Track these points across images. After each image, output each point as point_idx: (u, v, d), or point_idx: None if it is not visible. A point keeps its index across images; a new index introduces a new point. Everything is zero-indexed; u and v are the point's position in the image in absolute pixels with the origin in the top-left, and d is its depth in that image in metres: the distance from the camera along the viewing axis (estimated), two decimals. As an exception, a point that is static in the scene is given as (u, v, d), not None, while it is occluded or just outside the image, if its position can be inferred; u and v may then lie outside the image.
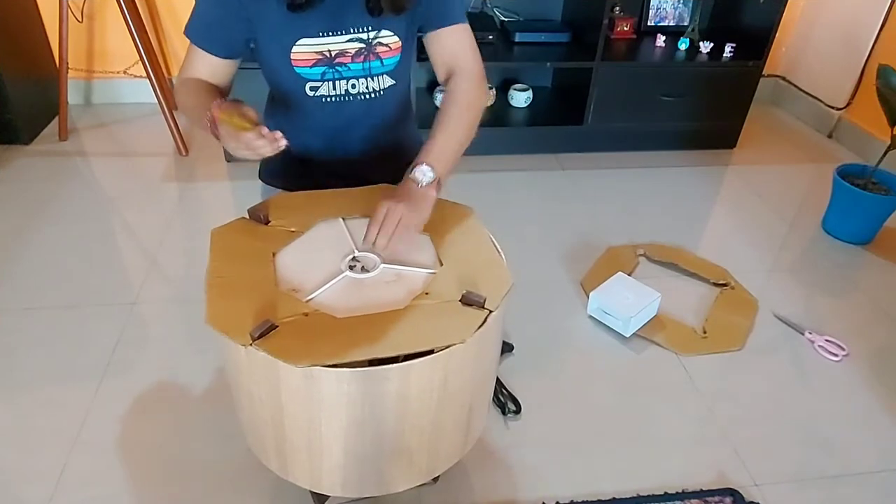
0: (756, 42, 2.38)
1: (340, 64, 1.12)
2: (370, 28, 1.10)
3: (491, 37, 2.37)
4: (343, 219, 1.04)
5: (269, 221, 1.03)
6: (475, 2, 2.53)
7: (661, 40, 2.50)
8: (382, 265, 0.93)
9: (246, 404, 0.90)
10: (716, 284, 1.79)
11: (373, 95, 1.18)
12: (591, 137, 2.48)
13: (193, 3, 1.07)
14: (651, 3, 2.59)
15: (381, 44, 1.12)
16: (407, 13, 1.12)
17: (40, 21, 2.45)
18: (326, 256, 0.95)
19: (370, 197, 1.08)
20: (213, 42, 1.09)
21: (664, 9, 2.61)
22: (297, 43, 1.08)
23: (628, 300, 1.60)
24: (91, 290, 1.67)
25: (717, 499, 1.22)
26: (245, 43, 1.10)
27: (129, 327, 1.56)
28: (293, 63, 1.10)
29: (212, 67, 1.10)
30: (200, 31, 1.08)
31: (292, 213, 1.06)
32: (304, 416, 0.83)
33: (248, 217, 1.05)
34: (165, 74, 2.65)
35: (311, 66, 1.11)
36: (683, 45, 2.47)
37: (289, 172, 1.26)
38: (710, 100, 2.45)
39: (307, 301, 0.85)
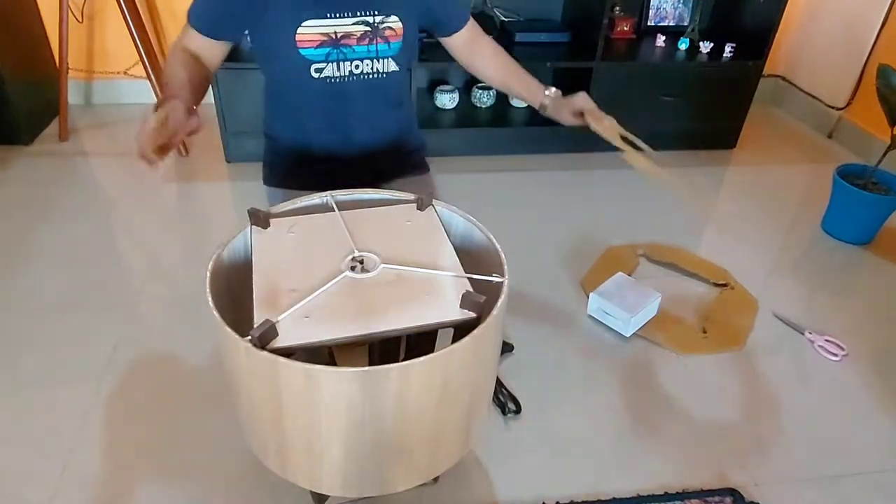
0: (756, 42, 2.38)
1: (346, 45, 1.13)
2: (377, 13, 1.12)
3: (491, 37, 2.37)
4: (343, 218, 1.04)
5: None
6: (475, 2, 2.53)
7: (661, 40, 2.50)
8: (382, 265, 0.93)
9: (246, 404, 0.90)
10: (716, 284, 1.79)
11: (376, 76, 1.19)
12: (591, 137, 2.47)
13: None
14: (651, 3, 2.59)
15: (389, 28, 1.14)
16: (414, 7, 1.16)
17: (40, 21, 2.45)
18: (326, 255, 0.95)
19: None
20: (213, 26, 1.11)
21: (664, 9, 2.61)
22: (303, 24, 1.09)
23: (628, 300, 1.60)
24: (91, 290, 1.67)
25: (717, 499, 1.22)
26: (242, 29, 1.13)
27: (129, 327, 1.56)
28: (298, 44, 1.10)
29: (205, 47, 1.13)
30: (202, 16, 1.11)
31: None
32: (304, 416, 0.83)
33: (248, 218, 1.04)
34: (165, 74, 2.65)
35: (315, 47, 1.12)
36: (683, 45, 2.47)
37: (291, 174, 1.26)
38: (710, 100, 2.45)
39: (307, 301, 0.85)
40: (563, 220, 2.08)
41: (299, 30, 1.09)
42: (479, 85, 2.50)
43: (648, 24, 2.61)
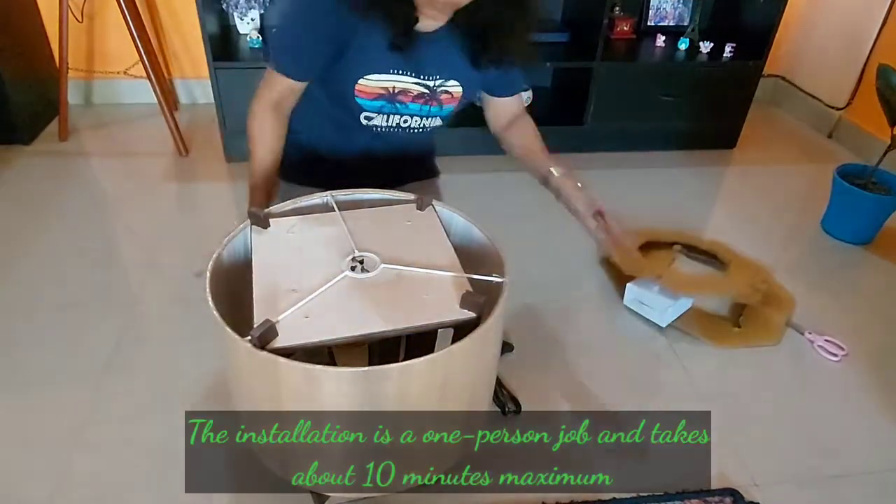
0: (756, 42, 2.38)
1: (400, 102, 1.13)
2: (437, 76, 1.11)
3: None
4: (343, 218, 1.04)
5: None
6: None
7: (661, 40, 2.50)
8: (382, 265, 0.93)
9: (246, 404, 0.90)
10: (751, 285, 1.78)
11: (420, 130, 1.20)
12: (591, 137, 2.48)
13: (278, 28, 1.09)
14: (651, 3, 2.59)
15: (446, 91, 1.13)
16: (479, 73, 1.14)
17: (40, 21, 2.45)
18: (326, 255, 0.95)
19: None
20: (300, 68, 1.09)
21: (664, 9, 2.61)
22: (366, 77, 1.08)
23: (665, 291, 1.64)
24: (91, 290, 1.67)
25: (717, 499, 1.22)
26: (326, 67, 1.10)
27: (129, 327, 1.56)
28: (357, 94, 1.10)
29: (289, 90, 1.11)
30: (288, 59, 1.08)
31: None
32: (304, 415, 0.83)
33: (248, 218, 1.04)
34: (165, 75, 2.65)
35: (372, 99, 1.11)
36: (683, 45, 2.47)
37: (302, 170, 1.27)
38: (710, 100, 2.45)
39: (307, 301, 0.85)
40: (562, 220, 2.07)
41: (362, 80, 1.09)
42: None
43: (648, 24, 2.61)
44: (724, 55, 2.39)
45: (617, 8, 2.52)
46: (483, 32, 1.06)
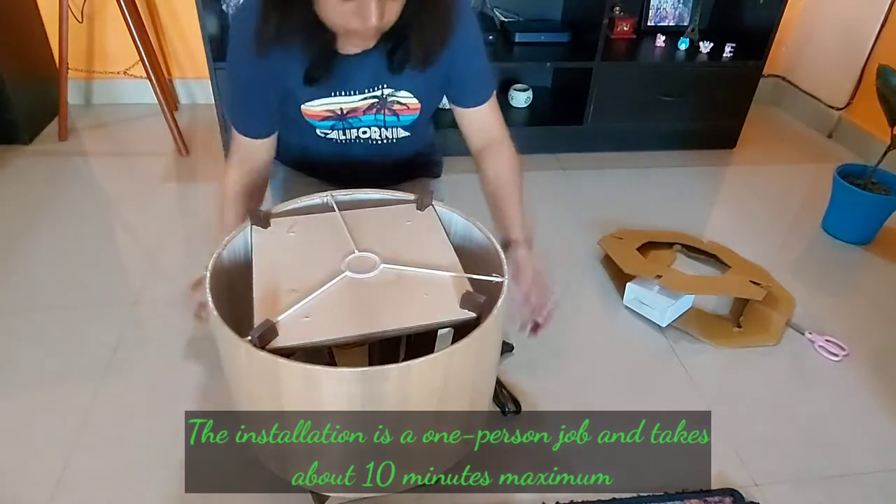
0: (756, 42, 2.38)
1: (352, 117, 1.12)
2: (385, 86, 1.09)
3: (491, 37, 2.37)
4: (343, 218, 1.04)
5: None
6: (475, 2, 2.54)
7: (661, 40, 2.50)
8: (383, 265, 0.93)
9: (245, 403, 0.90)
10: (752, 283, 1.77)
11: (384, 142, 1.18)
12: (591, 137, 2.48)
13: (226, 90, 1.09)
14: (651, 3, 2.59)
15: (398, 102, 1.11)
16: (432, 81, 1.10)
17: (40, 21, 2.45)
18: (326, 255, 0.95)
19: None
20: (261, 127, 1.10)
21: (664, 9, 2.61)
22: (307, 103, 1.08)
23: (664, 291, 1.63)
24: (91, 290, 1.67)
25: (717, 499, 1.22)
26: (280, 109, 1.11)
27: (129, 327, 1.56)
28: (305, 116, 1.10)
29: (253, 146, 1.12)
30: (240, 121, 1.09)
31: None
32: (304, 415, 0.83)
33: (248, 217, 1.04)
34: (165, 75, 2.65)
35: (321, 120, 1.11)
36: (683, 45, 2.47)
37: (301, 165, 1.27)
38: (710, 100, 2.45)
39: (307, 301, 0.85)
40: (562, 220, 2.08)
41: (304, 106, 1.08)
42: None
43: (648, 24, 2.61)
44: (724, 55, 2.39)
45: (617, 8, 2.52)
46: (405, 41, 1.01)
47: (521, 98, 2.52)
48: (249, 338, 0.79)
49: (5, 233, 1.88)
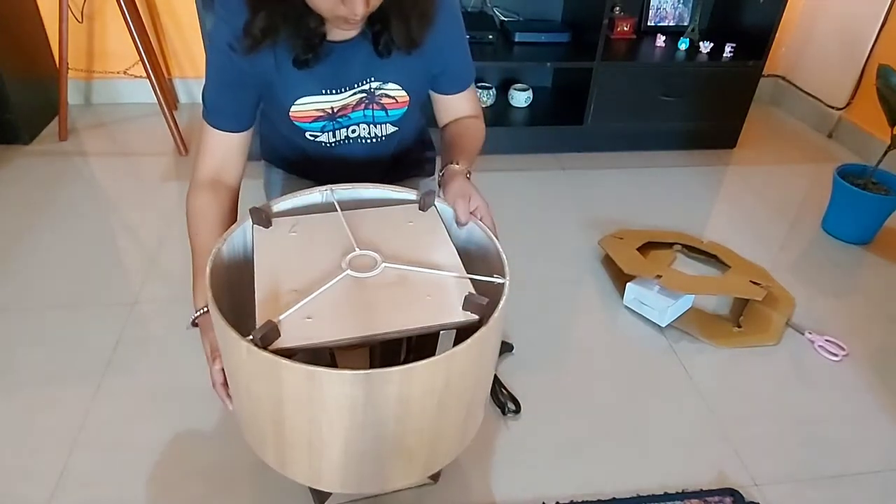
0: (756, 42, 2.38)
1: (342, 115, 1.11)
2: (373, 79, 1.09)
3: (491, 37, 2.37)
4: (345, 218, 1.04)
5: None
6: (475, 2, 2.53)
7: (661, 40, 2.50)
8: (384, 264, 0.93)
9: (246, 403, 0.90)
10: (752, 282, 1.77)
11: (374, 140, 1.17)
12: (591, 137, 2.48)
13: (204, 85, 1.06)
14: (651, 3, 2.59)
15: (386, 95, 1.11)
16: (419, 70, 1.10)
17: (40, 21, 2.45)
18: (328, 255, 0.95)
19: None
20: (232, 120, 1.08)
21: (664, 9, 2.61)
22: (297, 102, 1.07)
23: (664, 291, 1.64)
24: (91, 290, 1.67)
25: (717, 499, 1.22)
26: (257, 108, 1.10)
27: (129, 327, 1.56)
28: (293, 119, 1.09)
29: (230, 146, 1.09)
30: (219, 115, 1.07)
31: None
32: (305, 415, 0.83)
33: (249, 217, 1.04)
34: (165, 75, 2.65)
35: (311, 122, 1.10)
36: (683, 45, 2.47)
37: (288, 158, 1.27)
38: (710, 100, 2.45)
39: (309, 301, 0.85)
40: (562, 220, 2.08)
41: (293, 107, 1.08)
42: (479, 84, 2.50)
43: (648, 24, 2.61)
44: (724, 55, 2.40)
45: (617, 8, 2.52)
46: (390, 22, 1.01)
47: (521, 98, 2.52)
48: (251, 338, 0.79)
49: (5, 233, 1.88)
